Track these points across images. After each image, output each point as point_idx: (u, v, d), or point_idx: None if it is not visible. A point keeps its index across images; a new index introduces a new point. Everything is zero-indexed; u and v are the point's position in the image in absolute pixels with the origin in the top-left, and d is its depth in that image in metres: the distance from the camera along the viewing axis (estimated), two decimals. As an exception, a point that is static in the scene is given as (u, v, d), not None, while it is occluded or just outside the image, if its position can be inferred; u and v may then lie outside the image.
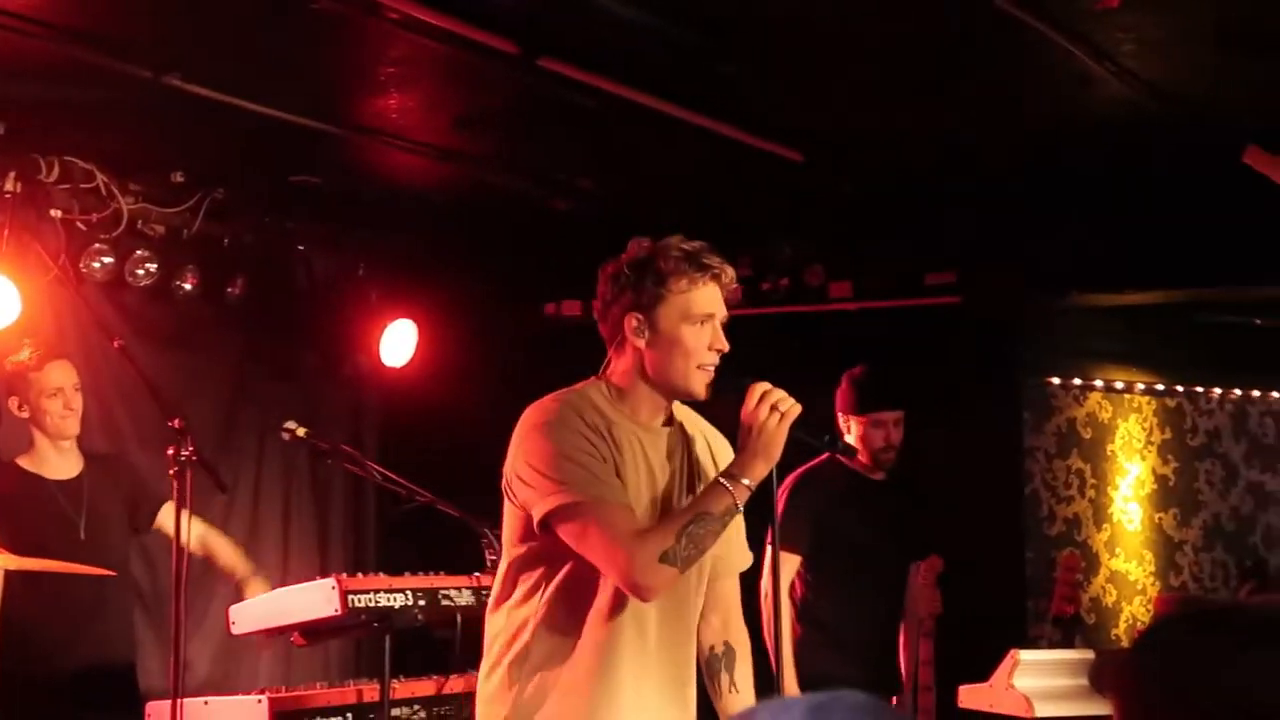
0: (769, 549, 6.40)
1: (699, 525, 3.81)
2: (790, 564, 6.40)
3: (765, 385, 3.91)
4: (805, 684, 6.18)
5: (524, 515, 3.94)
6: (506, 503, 4.01)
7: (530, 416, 3.97)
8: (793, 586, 6.46)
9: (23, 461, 6.38)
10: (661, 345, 3.97)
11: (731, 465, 3.91)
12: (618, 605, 3.94)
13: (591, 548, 3.82)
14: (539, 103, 6.15)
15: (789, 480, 6.45)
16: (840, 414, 6.52)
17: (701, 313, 3.98)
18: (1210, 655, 2.06)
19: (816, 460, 6.52)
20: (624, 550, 3.76)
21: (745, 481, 3.85)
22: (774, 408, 3.86)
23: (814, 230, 8.05)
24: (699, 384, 3.99)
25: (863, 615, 6.31)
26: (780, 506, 6.38)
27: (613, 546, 3.78)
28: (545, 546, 3.93)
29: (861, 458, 6.47)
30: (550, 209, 7.71)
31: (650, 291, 3.96)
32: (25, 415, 6.35)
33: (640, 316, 3.97)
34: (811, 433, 4.03)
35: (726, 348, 4.02)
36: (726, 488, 3.84)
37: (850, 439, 6.48)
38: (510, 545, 4.03)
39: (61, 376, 6.32)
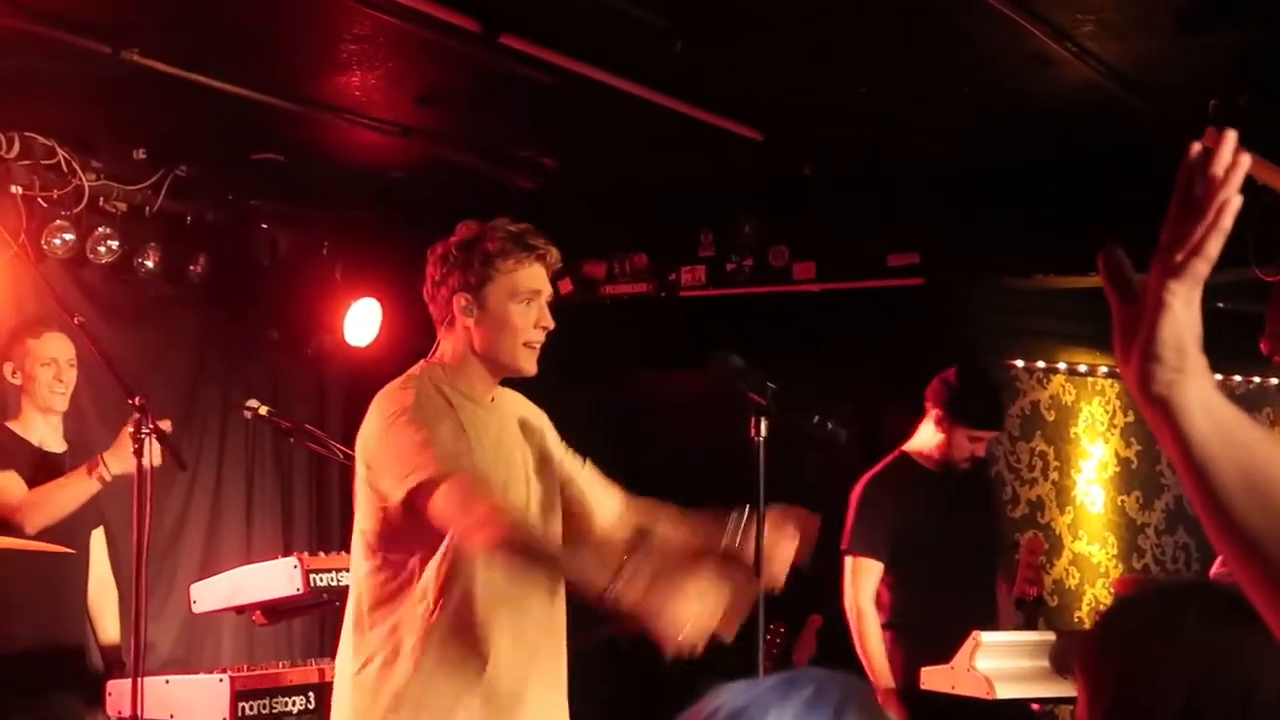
0: (848, 560, 6.44)
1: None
2: (872, 571, 6.40)
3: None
4: (902, 690, 6.20)
5: (384, 510, 4.02)
6: (364, 485, 4.08)
7: (386, 411, 4.03)
8: (878, 594, 6.45)
9: (12, 425, 6.38)
10: (490, 323, 4.11)
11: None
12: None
13: (445, 512, 3.86)
14: (501, 80, 6.13)
15: (860, 486, 6.45)
16: (933, 409, 6.46)
17: (527, 290, 4.12)
18: (1175, 633, 2.06)
19: (884, 463, 6.51)
20: (478, 508, 3.84)
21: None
22: None
23: (777, 211, 8.05)
24: (527, 360, 4.15)
25: (951, 614, 6.22)
26: (853, 514, 6.41)
27: (466, 505, 3.84)
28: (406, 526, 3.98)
29: (934, 454, 6.44)
30: (513, 187, 7.69)
31: (478, 272, 4.10)
32: (18, 382, 6.37)
33: (469, 296, 4.11)
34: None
35: (552, 325, 4.16)
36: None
37: (929, 434, 6.44)
38: (368, 530, 4.11)
39: (57, 348, 6.34)
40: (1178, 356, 1.78)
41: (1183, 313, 1.79)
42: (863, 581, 6.43)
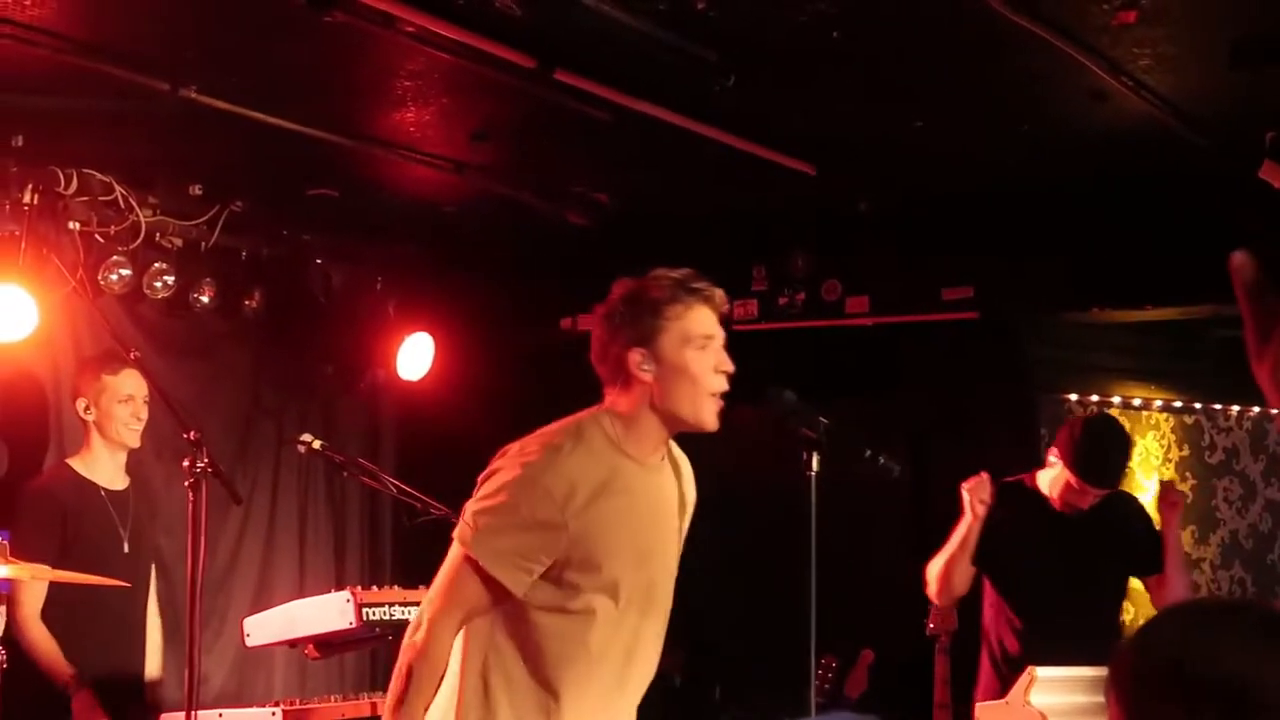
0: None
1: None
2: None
3: None
4: None
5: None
6: None
7: (524, 452, 3.98)
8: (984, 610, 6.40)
9: (75, 464, 6.40)
10: (668, 375, 3.98)
11: None
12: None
13: (439, 581, 3.93)
14: (555, 116, 6.15)
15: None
16: (1056, 450, 6.40)
17: (701, 334, 4.01)
18: (1211, 647, 2.05)
19: (1006, 481, 6.43)
20: (441, 610, 3.89)
21: None
22: None
23: (830, 244, 8.04)
24: (710, 414, 4.03)
25: (1062, 638, 6.11)
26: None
27: (442, 598, 3.90)
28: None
29: (1051, 492, 6.37)
30: (567, 222, 7.71)
31: (648, 323, 3.98)
32: (90, 418, 6.37)
33: (644, 351, 3.98)
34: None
35: (731, 368, 4.03)
36: None
37: (1053, 471, 6.38)
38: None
39: (135, 385, 6.34)
40: None
41: None
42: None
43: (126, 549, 6.34)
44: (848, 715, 1.70)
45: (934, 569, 6.24)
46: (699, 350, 3.99)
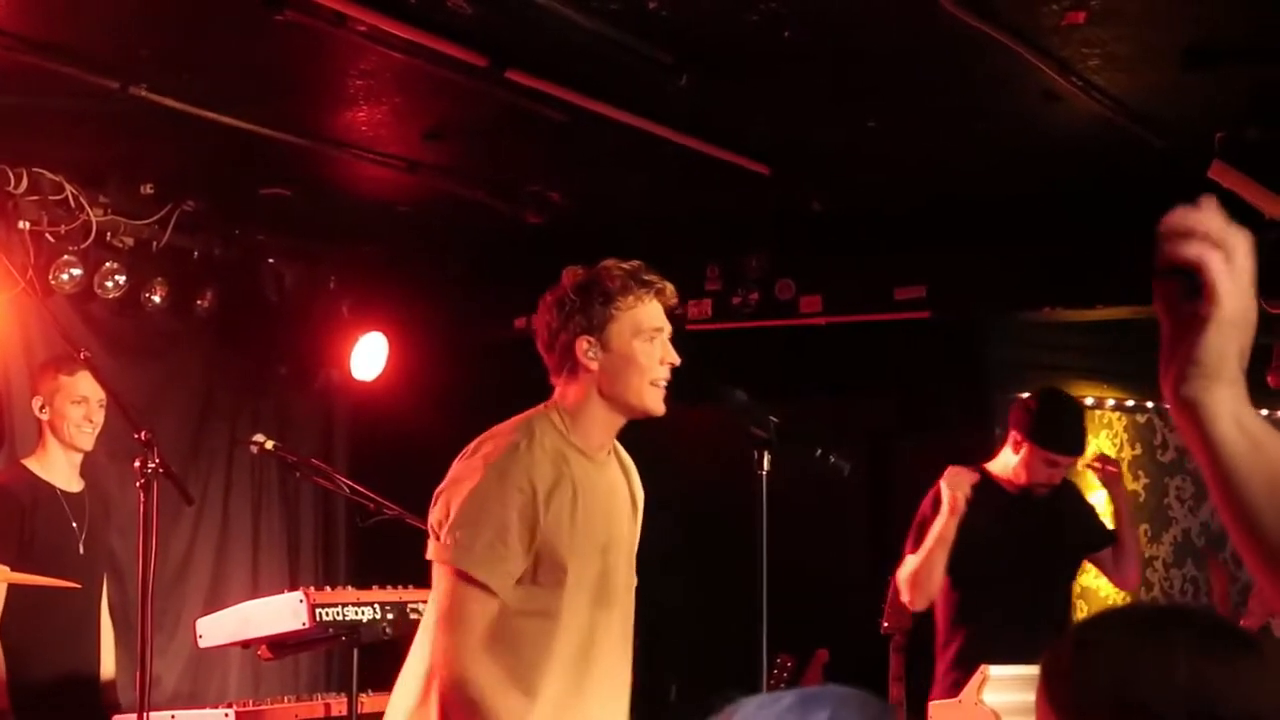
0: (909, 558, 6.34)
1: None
2: None
3: None
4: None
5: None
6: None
7: (480, 453, 4.00)
8: (936, 608, 6.37)
9: (30, 464, 6.36)
10: (615, 364, 4.04)
11: None
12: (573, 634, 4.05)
13: (439, 615, 3.91)
14: (507, 115, 6.15)
15: (930, 496, 6.37)
16: (1012, 432, 6.37)
17: (651, 327, 4.07)
18: (1162, 657, 2.01)
19: None
20: (456, 642, 3.86)
21: None
22: None
23: (783, 244, 8.06)
24: (654, 400, 4.09)
25: (1016, 637, 6.07)
26: (925, 515, 6.33)
27: (451, 631, 3.88)
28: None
29: (1011, 478, 6.34)
30: (520, 222, 7.70)
31: (599, 312, 4.04)
32: (45, 417, 6.33)
33: (591, 339, 4.04)
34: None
35: (677, 361, 4.10)
36: None
37: (1007, 457, 6.35)
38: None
39: (89, 387, 6.29)
40: (1217, 363, 1.81)
41: (1229, 328, 1.82)
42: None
43: (82, 550, 6.30)
44: (838, 688, 1.70)
45: (908, 572, 6.18)
46: (647, 342, 4.06)
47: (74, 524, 6.30)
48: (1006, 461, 6.38)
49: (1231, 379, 1.81)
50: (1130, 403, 9.30)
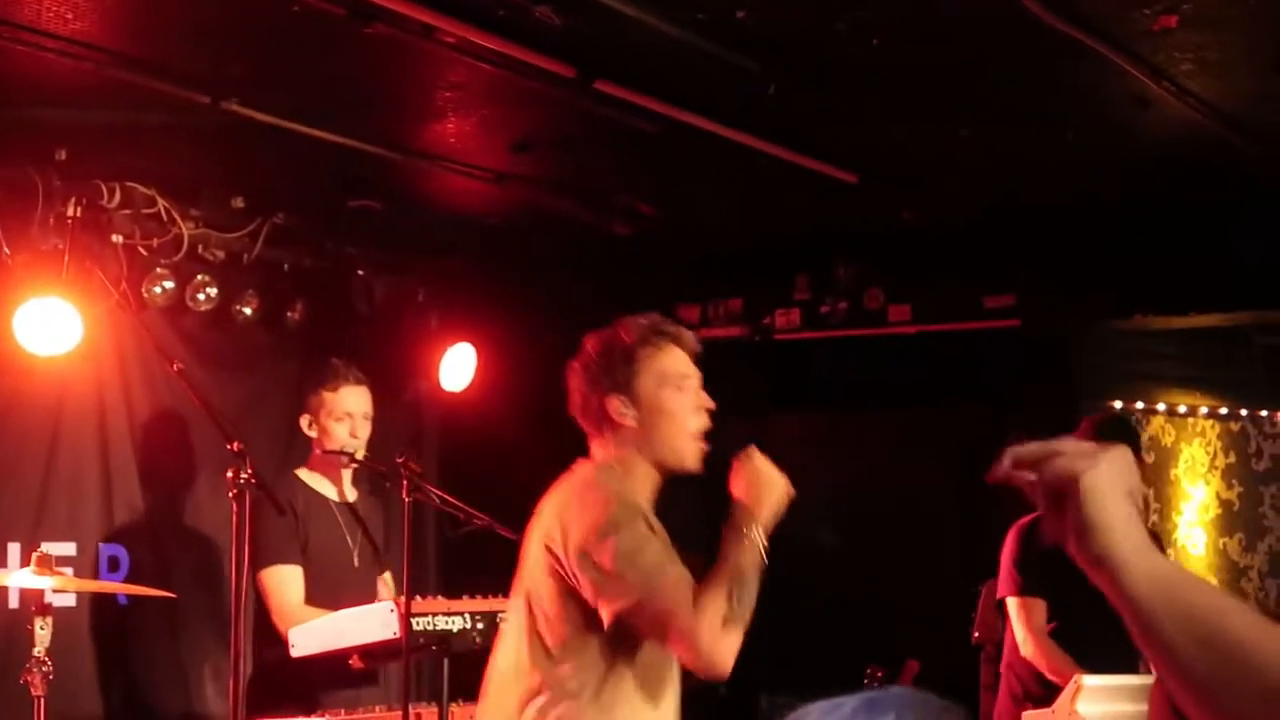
0: (1014, 602, 6.33)
1: (741, 586, 3.86)
2: (1039, 609, 6.29)
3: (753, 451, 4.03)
4: None
5: (580, 601, 3.98)
6: (551, 566, 4.03)
7: (585, 511, 4.00)
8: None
9: (302, 475, 6.46)
10: (649, 418, 4.10)
11: (741, 520, 3.96)
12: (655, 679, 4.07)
13: (662, 634, 3.90)
14: (595, 126, 6.15)
15: (1016, 529, 6.35)
16: None
17: (676, 374, 4.12)
18: None
19: (1037, 514, 6.38)
20: (692, 630, 3.82)
21: (759, 534, 3.92)
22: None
23: (871, 253, 8.03)
24: (693, 456, 4.14)
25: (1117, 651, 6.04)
26: (1012, 557, 6.32)
27: (683, 629, 3.83)
28: (597, 627, 3.98)
29: None
30: (609, 232, 7.71)
31: (622, 370, 4.10)
32: (313, 434, 6.42)
33: (622, 397, 4.09)
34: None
35: (712, 405, 4.14)
36: (749, 541, 3.91)
37: None
38: (554, 616, 4.05)
39: (354, 402, 6.38)
40: (1110, 520, 1.86)
41: (1099, 495, 1.87)
42: (1037, 620, 6.31)
43: (356, 563, 6.45)
44: (902, 690, 1.70)
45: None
46: (676, 390, 4.10)
47: (348, 536, 6.39)
48: None
49: (1132, 530, 1.86)
50: (1224, 410, 9.21)
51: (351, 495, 6.49)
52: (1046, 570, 6.19)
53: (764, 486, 3.98)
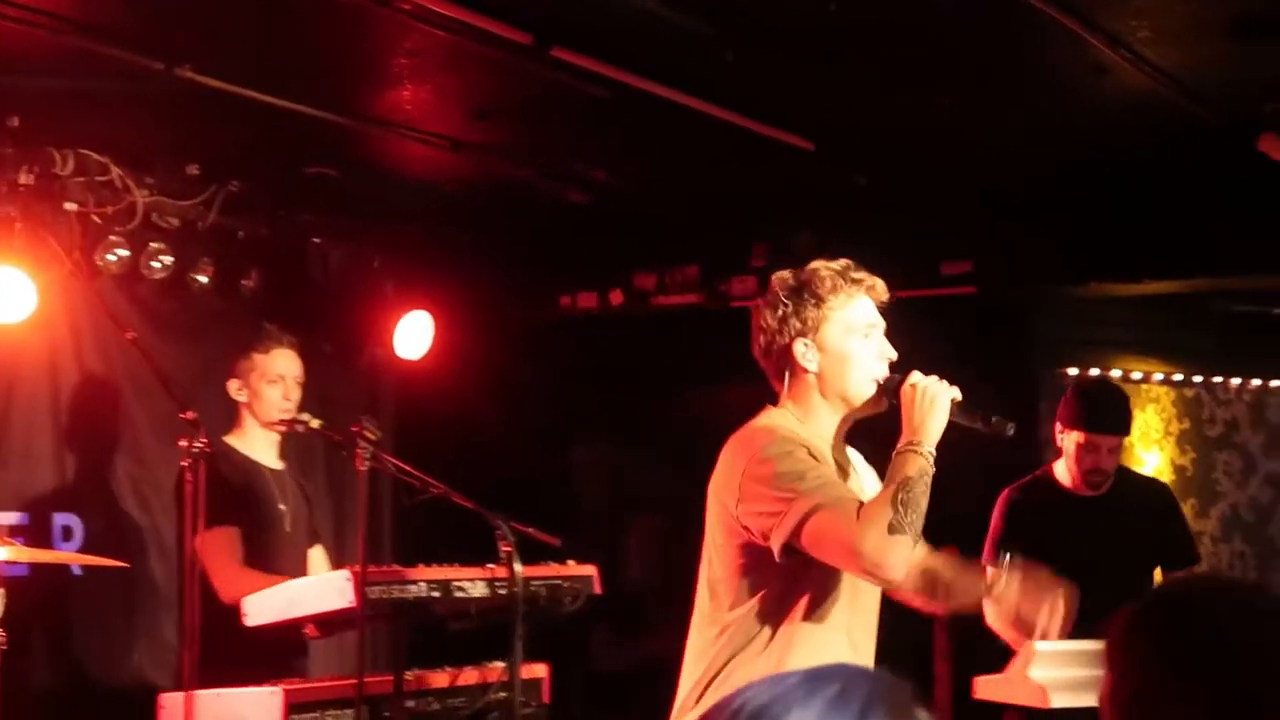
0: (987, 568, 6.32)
1: (906, 491, 3.87)
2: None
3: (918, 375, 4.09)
4: None
5: (748, 545, 4.01)
6: (722, 527, 4.08)
7: (744, 450, 4.04)
8: None
9: (232, 440, 6.41)
10: (833, 365, 4.12)
11: (906, 438, 4.00)
12: (834, 630, 4.08)
13: (828, 548, 3.89)
14: (553, 93, 6.13)
15: (1001, 500, 6.37)
16: (1057, 423, 6.34)
17: (865, 323, 4.15)
18: (1251, 619, 2.00)
19: (1025, 480, 6.40)
20: (856, 534, 3.81)
21: (926, 447, 3.96)
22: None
23: (828, 220, 8.02)
24: (869, 399, 4.16)
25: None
26: (995, 525, 6.33)
27: (847, 536, 3.83)
28: (775, 574, 4.01)
29: (1069, 475, 6.29)
30: (565, 200, 7.69)
31: (812, 314, 4.11)
32: (243, 398, 6.40)
33: (808, 340, 4.10)
34: (971, 417, 4.13)
35: (895, 356, 4.17)
36: (913, 452, 3.94)
37: (1064, 459, 6.29)
38: (730, 574, 4.09)
39: (285, 365, 6.37)
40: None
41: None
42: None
43: (288, 529, 6.46)
44: (850, 666, 1.69)
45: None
46: (862, 339, 4.13)
47: (280, 502, 6.39)
48: (1064, 461, 6.35)
49: None
50: (1178, 377, 9.25)
51: (279, 465, 6.46)
52: (1024, 543, 6.20)
53: (927, 404, 4.00)
